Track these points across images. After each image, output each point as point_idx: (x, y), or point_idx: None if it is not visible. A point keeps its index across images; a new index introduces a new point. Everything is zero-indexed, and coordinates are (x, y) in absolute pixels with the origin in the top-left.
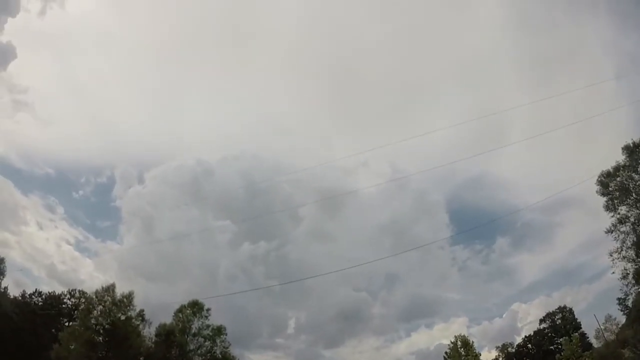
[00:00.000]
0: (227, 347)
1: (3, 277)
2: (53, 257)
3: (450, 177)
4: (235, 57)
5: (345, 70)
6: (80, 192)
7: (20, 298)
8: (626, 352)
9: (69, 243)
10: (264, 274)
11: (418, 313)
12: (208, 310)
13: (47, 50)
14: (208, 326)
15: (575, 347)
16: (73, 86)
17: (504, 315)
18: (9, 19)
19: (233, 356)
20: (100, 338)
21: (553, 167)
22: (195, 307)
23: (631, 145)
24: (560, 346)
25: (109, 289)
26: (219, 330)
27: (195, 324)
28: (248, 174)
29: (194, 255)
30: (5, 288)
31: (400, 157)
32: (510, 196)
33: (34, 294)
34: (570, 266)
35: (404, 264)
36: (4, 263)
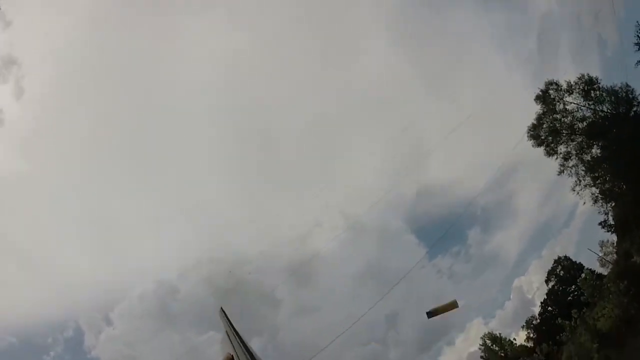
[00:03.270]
0: None
1: None
2: None
3: (398, 202)
4: (150, 164)
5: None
6: (52, 354)
7: None
8: (637, 259)
9: None
10: None
11: (433, 337)
12: None
13: None
14: None
15: (592, 282)
16: (3, 241)
17: (511, 296)
18: None
19: None
20: None
21: (480, 152)
22: None
23: (540, 93)
24: (577, 292)
25: None
26: None
27: None
28: (212, 279)
29: None
30: None
31: (344, 204)
32: (458, 192)
33: None
34: (543, 221)
35: (396, 300)
36: None
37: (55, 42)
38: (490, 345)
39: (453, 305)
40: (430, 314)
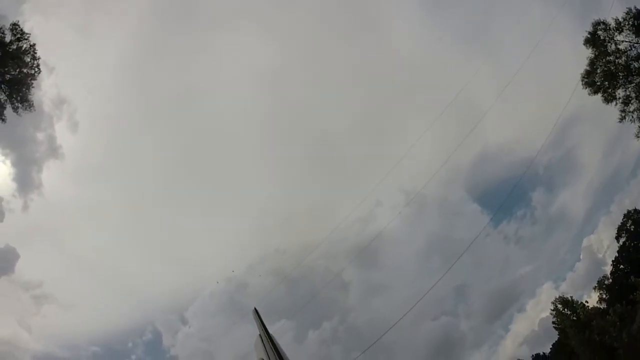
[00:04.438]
0: None
1: None
2: None
3: (456, 171)
4: (208, 172)
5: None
6: (133, 357)
7: None
8: None
9: None
10: (343, 350)
11: (503, 305)
12: None
13: (42, 241)
14: None
15: None
16: (78, 264)
17: (581, 257)
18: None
19: None
20: None
21: (533, 109)
22: None
23: (589, 35)
24: None
25: None
26: None
27: None
28: (279, 270)
29: None
30: None
31: (402, 181)
32: (517, 154)
33: None
34: (608, 174)
35: (464, 271)
36: None
37: (97, 75)
38: (561, 309)
39: None
40: None
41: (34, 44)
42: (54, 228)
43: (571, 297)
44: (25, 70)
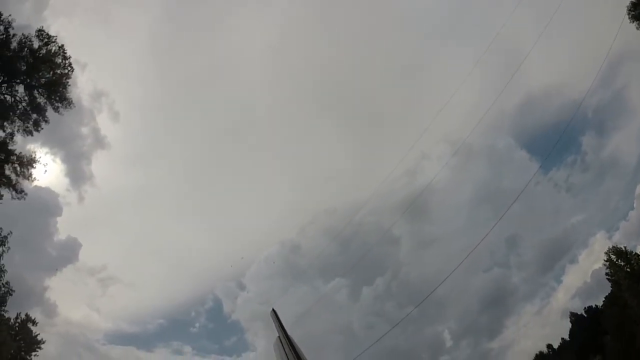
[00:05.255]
0: None
1: None
2: None
3: (501, 118)
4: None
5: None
6: (197, 325)
7: None
8: None
9: None
10: (396, 306)
11: (555, 256)
12: None
13: (100, 227)
14: None
15: None
16: (136, 244)
17: (634, 205)
18: (58, 218)
19: None
20: None
21: (578, 49)
22: None
23: None
24: None
25: None
26: None
27: None
28: (329, 230)
29: (326, 327)
30: None
31: (446, 131)
32: (564, 97)
33: None
34: None
35: (514, 221)
36: None
37: (127, 64)
38: (615, 260)
39: None
40: None
41: (62, 45)
42: (109, 214)
43: (625, 247)
44: (58, 71)
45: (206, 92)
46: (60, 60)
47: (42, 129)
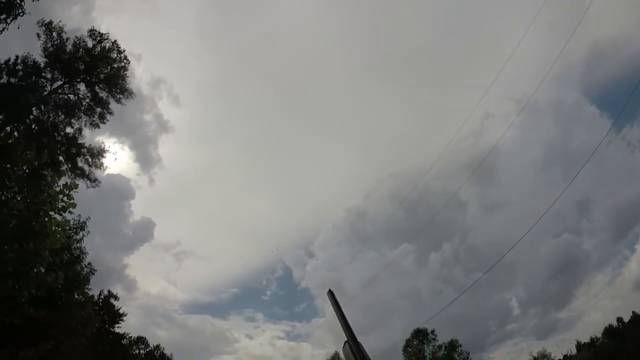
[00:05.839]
0: (467, 357)
1: None
2: (273, 356)
3: (568, 72)
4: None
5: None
6: (268, 293)
7: None
8: None
9: (280, 338)
10: (464, 272)
11: (630, 222)
12: (433, 332)
13: (171, 206)
14: (440, 347)
15: None
16: (207, 218)
17: None
18: (131, 202)
19: None
20: None
21: None
22: (420, 335)
23: None
24: None
25: (334, 358)
26: (452, 346)
27: (427, 350)
28: (394, 196)
29: (393, 293)
30: None
31: (510, 88)
32: (634, 44)
33: None
34: None
35: (586, 184)
36: None
37: (179, 48)
38: None
39: None
40: None
41: (115, 41)
42: (179, 193)
43: None
44: (115, 65)
45: (261, 64)
46: (115, 55)
47: (108, 120)
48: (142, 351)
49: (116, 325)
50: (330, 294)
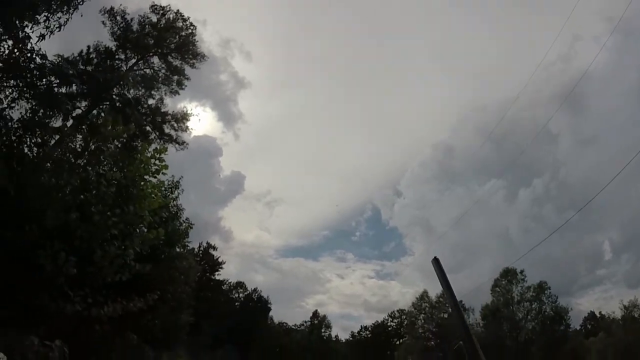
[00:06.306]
0: (555, 301)
1: (330, 329)
2: (363, 295)
3: None
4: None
5: None
6: (357, 234)
7: (351, 339)
8: None
9: (370, 277)
10: (554, 210)
11: None
12: (522, 272)
13: (259, 158)
14: (528, 288)
15: None
16: (295, 166)
17: None
18: (220, 158)
19: (564, 307)
20: (432, 342)
21: None
22: (509, 275)
23: None
24: None
25: (423, 297)
26: (542, 288)
27: (516, 291)
28: (481, 130)
29: (481, 231)
30: (336, 336)
31: (601, 6)
32: None
33: (361, 330)
34: None
35: None
36: (327, 319)
37: (244, 7)
38: None
39: None
40: None
41: (178, 10)
42: (264, 144)
43: None
44: (183, 34)
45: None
46: (180, 24)
47: (186, 86)
48: (241, 295)
49: (216, 273)
50: (436, 261)
